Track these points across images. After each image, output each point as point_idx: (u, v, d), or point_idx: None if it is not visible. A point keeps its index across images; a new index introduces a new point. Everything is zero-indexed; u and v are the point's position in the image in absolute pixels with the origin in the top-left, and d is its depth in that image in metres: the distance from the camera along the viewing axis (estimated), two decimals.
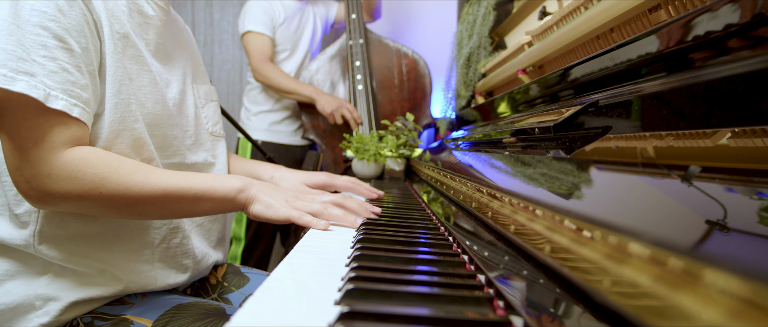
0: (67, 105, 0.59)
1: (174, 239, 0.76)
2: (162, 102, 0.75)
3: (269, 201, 0.69)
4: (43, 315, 0.65)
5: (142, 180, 0.63)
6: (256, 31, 1.86)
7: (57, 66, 0.59)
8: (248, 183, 0.70)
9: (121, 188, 0.61)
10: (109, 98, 0.66)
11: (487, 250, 0.47)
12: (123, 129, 0.67)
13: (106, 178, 0.61)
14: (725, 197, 0.28)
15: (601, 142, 0.50)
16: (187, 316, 0.69)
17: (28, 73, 0.56)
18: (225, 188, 0.68)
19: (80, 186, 0.60)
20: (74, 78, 0.60)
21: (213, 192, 0.67)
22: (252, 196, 0.69)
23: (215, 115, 0.91)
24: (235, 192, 0.68)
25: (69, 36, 0.60)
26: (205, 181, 0.67)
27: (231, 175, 0.71)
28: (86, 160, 0.60)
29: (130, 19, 0.72)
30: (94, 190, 0.60)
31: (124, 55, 0.69)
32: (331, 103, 1.81)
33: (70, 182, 0.59)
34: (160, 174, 0.65)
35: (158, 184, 0.64)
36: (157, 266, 0.74)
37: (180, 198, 0.65)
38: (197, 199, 0.66)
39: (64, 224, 0.66)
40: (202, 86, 0.89)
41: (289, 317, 0.33)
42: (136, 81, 0.71)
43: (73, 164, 0.59)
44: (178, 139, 0.79)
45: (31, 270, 0.66)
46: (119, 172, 0.62)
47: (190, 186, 0.66)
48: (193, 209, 0.68)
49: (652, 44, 0.50)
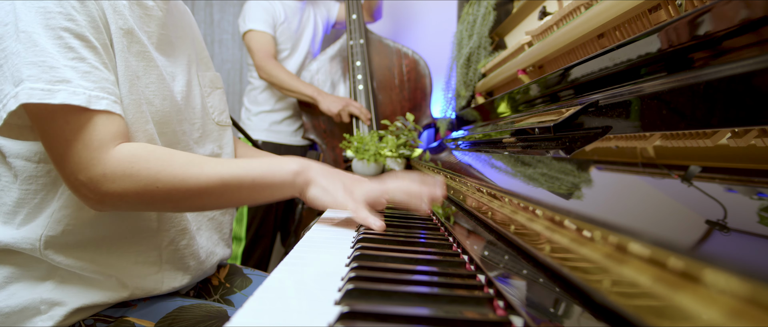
0: (109, 103, 0.59)
1: (182, 241, 0.75)
2: (170, 97, 0.73)
3: (326, 185, 0.65)
4: (47, 319, 0.64)
5: (197, 171, 0.61)
6: (257, 29, 1.86)
7: (88, 66, 0.58)
8: (305, 165, 0.67)
9: (178, 181, 0.60)
10: (123, 99, 0.64)
11: (487, 250, 0.47)
12: (136, 131, 0.66)
13: (160, 172, 0.60)
14: (725, 197, 0.28)
15: (601, 142, 0.50)
16: (189, 318, 0.68)
17: (64, 81, 0.55)
18: (282, 172, 0.65)
19: (136, 183, 0.59)
20: (105, 75, 0.60)
21: (271, 177, 0.64)
22: (310, 178, 0.66)
23: (221, 104, 0.88)
24: (293, 175, 0.65)
25: (89, 34, 0.59)
26: (261, 166, 0.65)
27: (287, 158, 0.68)
28: (138, 155, 0.59)
29: (132, 13, 0.69)
30: (150, 185, 0.59)
31: (130, 52, 0.67)
32: (337, 102, 1.81)
33: (126, 180, 0.58)
34: (214, 163, 0.63)
35: (214, 174, 0.62)
36: (165, 268, 0.72)
37: (238, 186, 0.63)
38: (255, 186, 0.64)
39: (71, 229, 0.65)
40: (206, 73, 0.86)
41: (289, 317, 0.33)
42: (144, 78, 0.69)
43: (127, 161, 0.58)
44: (186, 134, 0.77)
45: (36, 274, 0.65)
46: (173, 164, 0.60)
47: (246, 173, 0.63)
48: (252, 196, 0.65)
49: (652, 44, 0.50)
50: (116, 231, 0.68)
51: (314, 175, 0.66)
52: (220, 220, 0.85)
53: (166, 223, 0.72)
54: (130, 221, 0.69)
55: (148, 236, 0.71)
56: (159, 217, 0.71)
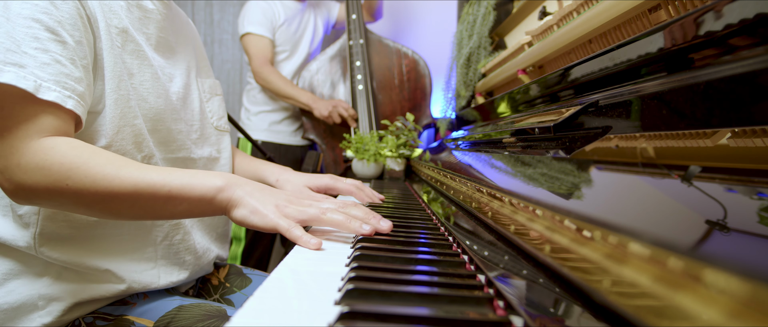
0: (60, 96, 0.57)
1: (176, 236, 0.76)
2: (165, 96, 0.74)
3: (255, 205, 0.59)
4: (45, 315, 0.65)
5: (112, 173, 0.57)
6: (255, 33, 1.87)
7: (49, 58, 0.57)
8: (232, 182, 0.61)
9: (89, 181, 0.56)
10: (108, 94, 0.65)
11: (487, 250, 0.47)
12: (123, 125, 0.67)
13: (73, 169, 0.56)
14: (725, 197, 0.28)
15: (601, 142, 0.50)
16: (189, 317, 0.68)
17: (17, 64, 0.55)
18: (203, 187, 0.60)
19: (46, 177, 0.56)
20: (68, 70, 0.58)
21: (189, 191, 0.59)
22: (236, 198, 0.60)
23: (220, 110, 0.91)
24: (214, 192, 0.60)
25: (62, 29, 0.59)
26: (182, 178, 0.60)
27: (213, 172, 0.63)
28: (56, 148, 0.56)
29: (129, 14, 0.71)
30: (60, 182, 0.56)
31: (124, 50, 0.68)
32: (326, 106, 1.83)
33: (37, 173, 0.55)
34: (134, 168, 0.59)
35: (129, 179, 0.58)
36: (160, 263, 0.73)
37: (152, 196, 0.58)
38: (170, 199, 0.59)
39: (65, 226, 0.65)
40: (206, 80, 0.89)
41: (289, 317, 0.33)
42: (138, 76, 0.70)
43: (42, 153, 0.56)
44: (182, 134, 0.78)
45: (31, 270, 0.66)
46: (89, 163, 0.57)
47: (164, 182, 0.59)
48: (167, 210, 0.61)
49: (652, 44, 0.50)
50: (110, 227, 0.69)
51: (240, 196, 0.60)
52: (208, 222, 0.86)
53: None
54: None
55: (142, 232, 0.72)
56: None
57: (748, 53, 0.38)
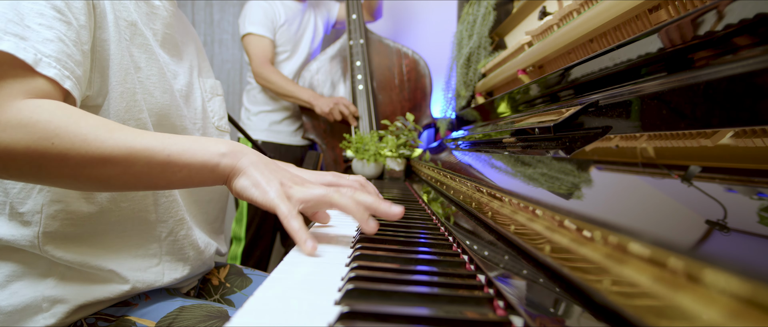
0: (59, 75, 0.54)
1: (181, 231, 0.75)
2: (170, 92, 0.74)
3: (258, 178, 0.55)
4: (49, 317, 0.65)
5: (104, 134, 0.53)
6: (256, 33, 1.87)
7: (53, 35, 0.55)
8: (237, 149, 0.58)
9: (78, 141, 0.51)
10: (114, 87, 0.64)
11: (487, 250, 0.47)
12: (128, 118, 0.66)
13: (61, 127, 0.51)
14: (725, 197, 0.28)
15: (601, 142, 0.50)
16: (190, 317, 0.68)
17: (18, 35, 0.52)
18: (205, 152, 0.56)
19: (29, 135, 0.50)
20: (70, 51, 0.57)
21: (190, 156, 0.56)
22: (240, 167, 0.57)
23: (221, 110, 0.91)
24: (218, 158, 0.56)
25: (68, 10, 0.57)
26: (183, 143, 0.56)
27: (215, 138, 0.59)
28: (43, 107, 0.52)
29: (138, 9, 0.71)
30: (44, 141, 0.50)
31: (133, 43, 0.68)
32: (328, 103, 1.83)
33: (18, 130, 0.50)
34: (128, 131, 0.55)
35: (123, 141, 0.53)
36: (165, 259, 0.73)
37: (148, 160, 0.54)
38: (169, 165, 0.55)
39: (69, 223, 0.65)
40: (207, 80, 0.89)
41: (289, 317, 0.33)
42: (145, 70, 0.70)
43: (28, 110, 0.51)
44: (187, 131, 0.78)
45: (35, 271, 0.65)
46: (80, 122, 0.52)
47: (163, 147, 0.55)
48: (164, 177, 0.56)
49: (652, 44, 0.50)
50: (114, 225, 0.69)
51: (245, 164, 0.57)
52: (206, 216, 0.85)
53: (164, 213, 0.73)
54: (127, 214, 0.69)
55: (147, 228, 0.72)
56: (156, 207, 0.72)
57: (748, 53, 0.38)
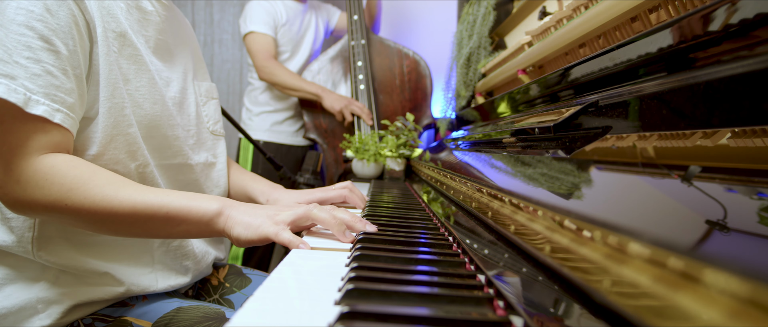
0: (48, 110, 0.57)
1: (173, 242, 0.75)
2: (161, 102, 0.73)
3: (248, 221, 0.61)
4: (45, 318, 0.65)
5: (112, 194, 0.59)
6: (258, 31, 1.86)
7: (41, 69, 0.57)
8: (227, 204, 0.63)
9: (88, 202, 0.58)
10: (102, 102, 0.64)
11: (487, 250, 0.47)
12: (117, 134, 0.66)
13: (73, 189, 0.57)
14: (725, 197, 0.28)
15: (601, 142, 0.50)
16: (187, 319, 0.68)
17: (7, 75, 0.54)
18: (200, 209, 0.62)
19: (46, 196, 0.57)
20: (59, 82, 0.58)
21: (186, 214, 0.61)
22: (232, 220, 0.62)
23: (216, 114, 0.90)
24: (211, 215, 0.62)
25: (56, 37, 0.58)
26: (179, 201, 0.62)
27: (209, 196, 0.65)
28: (57, 168, 0.57)
29: (129, 16, 0.70)
30: (59, 202, 0.57)
31: (121, 54, 0.67)
32: (340, 101, 1.81)
33: (37, 191, 0.57)
34: (133, 189, 0.61)
35: (128, 200, 0.59)
36: (157, 268, 0.73)
37: (150, 217, 0.60)
38: (169, 220, 0.61)
39: (62, 231, 0.65)
40: (203, 83, 0.88)
41: (289, 317, 0.33)
42: (134, 81, 0.69)
43: (42, 172, 0.57)
44: (179, 140, 0.77)
45: (26, 275, 0.66)
46: (89, 184, 0.58)
47: (161, 204, 0.60)
48: (166, 230, 0.63)
49: (651, 44, 0.50)
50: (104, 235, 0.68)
51: (235, 215, 0.62)
52: None
53: None
54: None
55: (139, 239, 0.71)
56: None
57: (748, 53, 0.38)
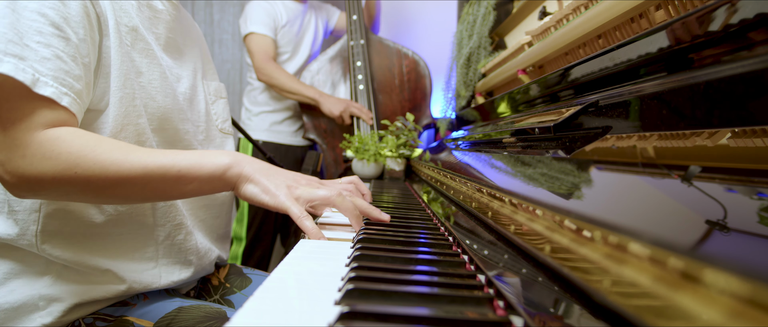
0: (56, 92, 0.57)
1: (178, 235, 0.75)
2: (173, 95, 0.74)
3: (266, 184, 0.62)
4: (46, 315, 0.65)
5: (121, 158, 0.59)
6: (258, 32, 1.86)
7: (51, 53, 0.57)
8: (239, 159, 0.64)
9: (98, 167, 0.58)
10: (114, 92, 0.65)
11: (487, 250, 0.47)
12: (127, 124, 0.67)
13: (81, 157, 0.57)
14: (725, 197, 0.28)
15: (601, 142, 0.50)
16: (188, 318, 0.68)
17: (17, 56, 0.55)
18: (211, 164, 0.62)
19: (54, 166, 0.56)
20: (68, 67, 0.59)
21: (198, 169, 0.62)
22: (245, 174, 0.63)
23: (224, 113, 0.91)
24: (223, 169, 0.63)
25: (67, 25, 0.59)
26: (190, 158, 0.62)
27: (221, 151, 0.66)
28: (62, 138, 0.57)
29: (140, 13, 0.71)
30: (68, 170, 0.57)
31: (133, 48, 0.69)
32: (338, 105, 1.82)
33: (44, 162, 0.56)
34: (141, 152, 0.61)
35: (138, 162, 0.59)
36: (161, 263, 0.73)
37: (162, 177, 0.60)
38: (180, 178, 0.61)
39: (66, 223, 0.65)
40: (212, 83, 0.89)
41: (289, 317, 0.33)
42: (146, 74, 0.70)
43: (48, 143, 0.56)
44: (189, 134, 0.78)
45: (32, 270, 0.66)
46: (96, 150, 0.58)
47: (173, 163, 0.61)
48: (178, 189, 0.63)
49: (651, 44, 0.50)
50: (112, 226, 0.69)
51: (250, 172, 0.63)
52: (211, 223, 0.85)
53: (161, 217, 0.73)
54: (125, 216, 0.69)
55: (144, 231, 0.71)
56: (154, 212, 0.72)
57: (748, 53, 0.38)
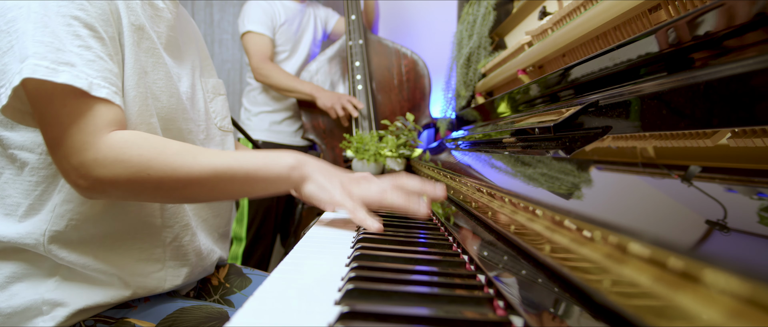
0: (109, 93, 0.59)
1: (185, 237, 0.75)
2: (176, 95, 0.74)
3: (323, 182, 0.64)
4: (49, 320, 0.64)
5: (190, 160, 0.61)
6: (255, 31, 1.86)
7: (93, 55, 0.59)
8: (302, 160, 0.66)
9: (169, 169, 0.60)
10: (128, 90, 0.66)
11: (487, 250, 0.47)
12: (140, 123, 0.67)
13: (152, 159, 0.59)
14: (725, 197, 0.28)
15: (601, 142, 0.50)
16: (190, 319, 0.68)
17: (68, 63, 0.56)
18: (278, 166, 0.64)
19: (127, 169, 0.59)
20: (109, 66, 0.61)
21: (265, 170, 0.64)
22: (306, 174, 0.65)
23: (223, 110, 0.90)
24: (289, 169, 0.65)
25: (98, 25, 0.60)
26: (256, 159, 0.64)
27: (282, 151, 0.68)
28: (131, 141, 0.60)
29: (144, 12, 0.72)
30: (142, 172, 0.59)
31: (140, 47, 0.69)
32: (331, 97, 1.83)
33: (117, 166, 0.58)
34: (208, 154, 0.63)
35: (208, 165, 0.61)
36: (168, 264, 0.73)
37: (231, 178, 0.63)
38: (249, 179, 0.64)
39: (75, 225, 0.65)
40: (209, 80, 0.89)
41: (289, 317, 0.33)
42: (152, 74, 0.71)
43: (118, 147, 0.59)
44: (192, 134, 0.78)
45: (39, 272, 0.65)
46: (166, 152, 0.60)
47: (240, 165, 0.63)
48: (245, 190, 0.65)
49: (651, 44, 0.50)
50: (120, 227, 0.68)
51: (311, 171, 0.65)
52: (212, 222, 0.85)
53: (169, 219, 0.73)
54: (133, 217, 0.69)
55: (152, 232, 0.71)
56: (162, 213, 0.72)
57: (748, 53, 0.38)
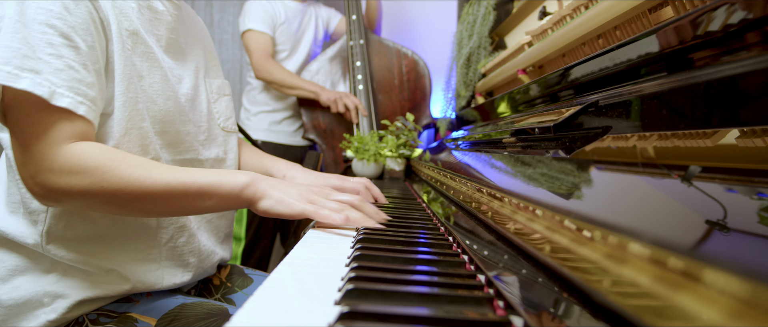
0: (72, 103, 0.59)
1: (180, 238, 0.76)
2: (174, 98, 0.75)
3: (281, 196, 0.66)
4: (50, 312, 0.66)
5: (144, 174, 0.62)
6: (256, 29, 1.86)
7: (63, 64, 0.59)
8: (255, 178, 0.67)
9: (123, 182, 0.60)
10: (117, 97, 0.66)
11: (487, 250, 0.47)
12: (131, 127, 0.68)
13: (107, 172, 0.60)
14: (725, 197, 0.28)
15: (601, 142, 0.50)
16: (191, 315, 0.69)
17: (33, 70, 0.57)
18: (230, 183, 0.66)
19: (82, 180, 0.59)
20: (80, 76, 0.60)
21: (217, 187, 0.65)
22: (260, 191, 0.66)
23: (227, 110, 0.91)
24: (241, 187, 0.66)
25: (75, 34, 0.60)
26: (210, 176, 0.65)
27: (237, 171, 0.69)
28: (88, 153, 0.60)
29: (140, 16, 0.72)
30: (95, 185, 0.60)
31: (134, 52, 0.69)
32: (334, 93, 1.83)
33: (72, 177, 0.59)
34: (163, 169, 0.64)
35: (160, 179, 0.62)
36: (164, 264, 0.74)
37: (183, 193, 0.64)
38: (201, 195, 0.65)
39: (71, 225, 0.66)
40: (215, 80, 0.89)
41: (289, 317, 0.33)
42: (147, 78, 0.71)
43: (75, 158, 0.59)
44: (191, 135, 0.79)
45: (39, 267, 0.67)
46: (121, 166, 0.61)
47: (193, 181, 0.64)
48: (197, 205, 0.66)
49: (651, 44, 0.50)
50: (116, 228, 0.69)
51: (265, 188, 0.66)
52: (217, 223, 0.86)
53: (164, 220, 0.74)
54: (129, 218, 0.70)
55: (148, 234, 0.72)
56: None
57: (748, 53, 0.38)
